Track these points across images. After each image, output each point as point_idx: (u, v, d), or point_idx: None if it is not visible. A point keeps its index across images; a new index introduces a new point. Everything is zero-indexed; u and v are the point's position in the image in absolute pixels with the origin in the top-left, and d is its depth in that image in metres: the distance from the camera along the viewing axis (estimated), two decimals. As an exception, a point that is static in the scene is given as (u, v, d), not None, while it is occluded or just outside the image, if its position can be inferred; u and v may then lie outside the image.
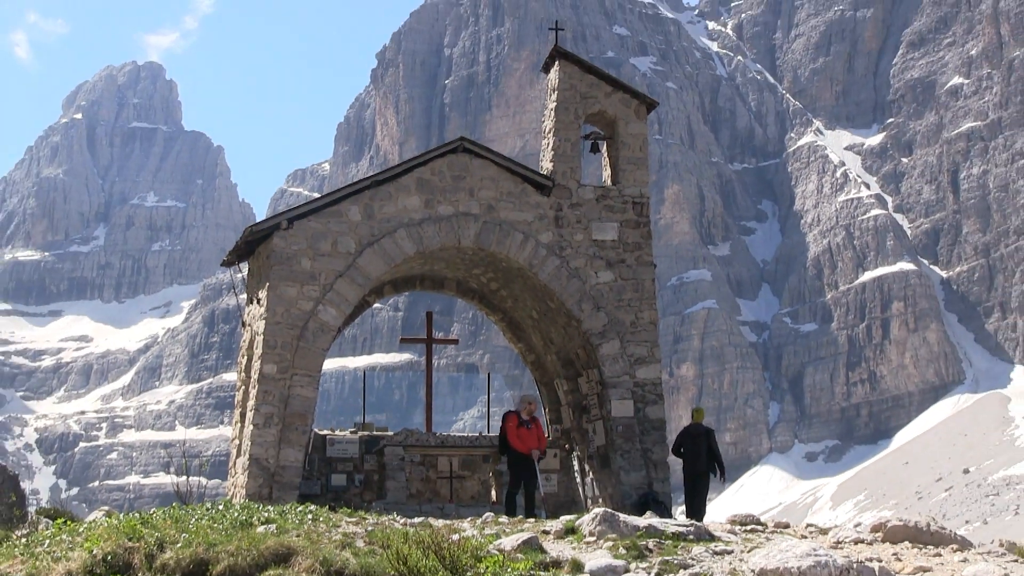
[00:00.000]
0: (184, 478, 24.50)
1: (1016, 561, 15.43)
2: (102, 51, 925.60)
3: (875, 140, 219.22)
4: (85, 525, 19.91)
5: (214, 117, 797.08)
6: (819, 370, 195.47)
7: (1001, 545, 16.89)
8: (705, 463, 25.99)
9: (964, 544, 16.45)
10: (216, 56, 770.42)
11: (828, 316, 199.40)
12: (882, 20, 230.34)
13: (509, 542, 15.92)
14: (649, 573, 13.47)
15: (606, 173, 28.74)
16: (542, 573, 14.52)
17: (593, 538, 16.66)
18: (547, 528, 17.79)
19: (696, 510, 25.62)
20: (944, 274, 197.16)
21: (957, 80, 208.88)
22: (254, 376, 25.99)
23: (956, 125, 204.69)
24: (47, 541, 17.39)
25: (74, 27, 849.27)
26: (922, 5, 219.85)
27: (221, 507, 19.43)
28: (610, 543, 16.15)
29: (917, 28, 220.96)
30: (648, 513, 21.63)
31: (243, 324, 29.17)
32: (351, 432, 28.57)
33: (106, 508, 26.66)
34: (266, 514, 17.99)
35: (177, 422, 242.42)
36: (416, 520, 19.24)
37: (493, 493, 28.22)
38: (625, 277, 27.18)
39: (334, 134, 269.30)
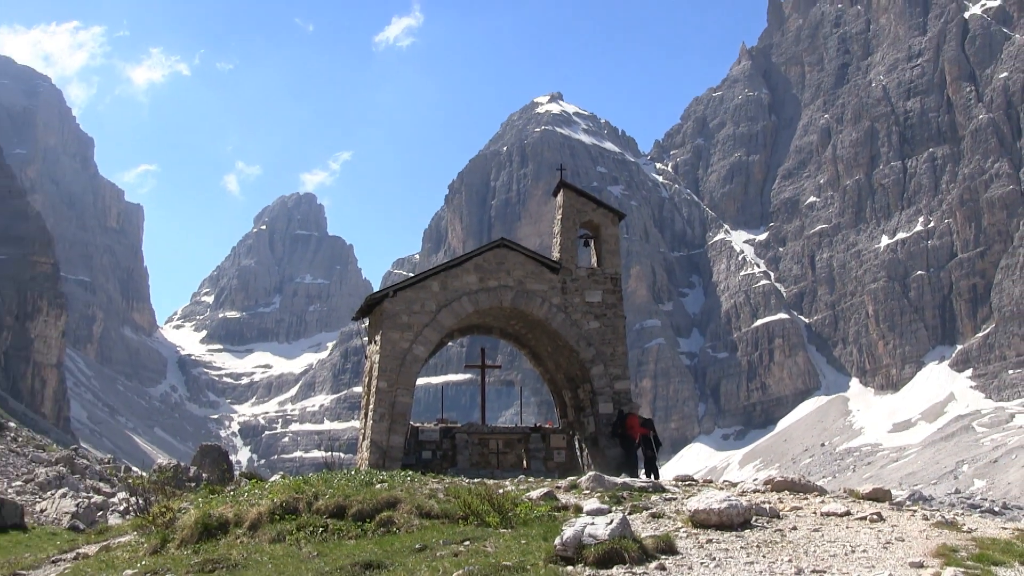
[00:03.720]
0: (330, 454, 24.84)
1: (854, 501, 15.62)
2: (278, 185, 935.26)
3: (762, 237, 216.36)
4: (269, 484, 20.16)
5: (349, 226, 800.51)
6: (730, 382, 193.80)
7: (844, 491, 17.10)
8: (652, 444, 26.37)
9: (822, 491, 16.56)
10: (352, 186, 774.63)
11: (735, 348, 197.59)
12: (765, 162, 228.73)
13: (535, 493, 16.13)
14: (624, 512, 13.31)
15: (593, 259, 28.71)
16: (556, 513, 14.57)
17: (588, 491, 16.77)
18: (559, 485, 17.77)
19: (650, 471, 25.81)
20: (807, 320, 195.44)
21: (812, 199, 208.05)
22: (372, 389, 25.98)
23: (812, 227, 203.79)
24: (245, 493, 17.83)
25: (265, 170, 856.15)
26: (789, 152, 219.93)
27: (353, 473, 19.58)
28: (599, 494, 16.29)
29: (787, 167, 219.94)
30: (623, 474, 21.56)
31: (365, 356, 29.02)
32: (434, 425, 28.46)
33: (281, 473, 27.06)
34: (381, 477, 18.09)
35: (325, 418, 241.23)
36: (475, 480, 19.39)
37: (525, 462, 27.88)
38: (606, 325, 27.28)
39: (422, 236, 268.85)
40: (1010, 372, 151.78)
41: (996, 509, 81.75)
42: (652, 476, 24.35)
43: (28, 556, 19.28)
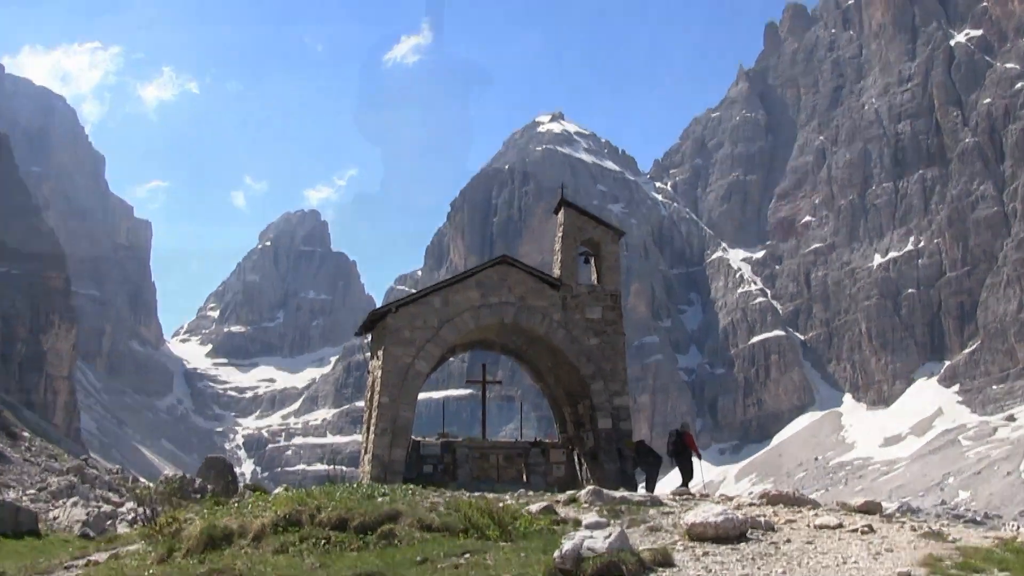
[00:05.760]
0: (333, 468, 24.88)
1: (846, 514, 15.65)
2: (283, 201, 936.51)
3: (759, 255, 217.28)
4: (272, 496, 20.25)
5: (351, 242, 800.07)
6: (727, 397, 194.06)
7: (837, 504, 17.14)
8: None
9: (815, 504, 16.54)
10: (355, 202, 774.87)
11: (732, 364, 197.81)
12: (762, 181, 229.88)
13: (535, 507, 16.05)
14: (622, 526, 13.41)
15: (593, 276, 28.53)
16: (555, 526, 14.54)
17: (587, 505, 16.73)
18: (558, 499, 17.73)
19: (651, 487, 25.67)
20: (802, 337, 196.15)
21: (808, 218, 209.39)
22: (375, 404, 25.78)
23: (808, 246, 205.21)
24: (249, 505, 17.79)
25: (271, 186, 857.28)
26: (786, 171, 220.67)
27: (355, 486, 19.50)
28: (597, 508, 16.26)
29: (784, 186, 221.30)
30: (621, 488, 21.42)
31: (368, 371, 28.90)
32: (435, 439, 28.17)
33: (285, 485, 27.02)
34: (383, 490, 18.06)
35: (328, 432, 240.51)
36: (476, 494, 19.21)
37: (524, 476, 27.70)
38: (606, 341, 27.11)
39: (424, 253, 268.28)
40: (994, 387, 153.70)
41: (978, 519, 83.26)
42: (651, 490, 24.33)
43: (43, 561, 19.47)
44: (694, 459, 26.49)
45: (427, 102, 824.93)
